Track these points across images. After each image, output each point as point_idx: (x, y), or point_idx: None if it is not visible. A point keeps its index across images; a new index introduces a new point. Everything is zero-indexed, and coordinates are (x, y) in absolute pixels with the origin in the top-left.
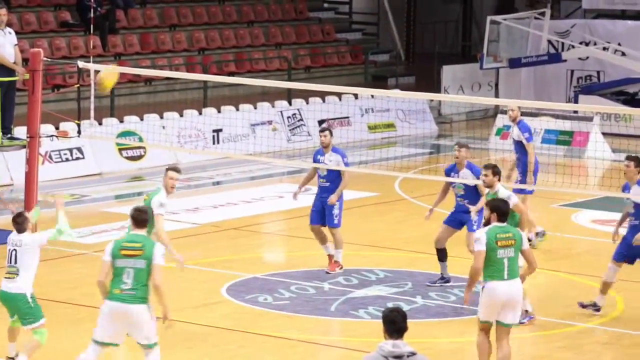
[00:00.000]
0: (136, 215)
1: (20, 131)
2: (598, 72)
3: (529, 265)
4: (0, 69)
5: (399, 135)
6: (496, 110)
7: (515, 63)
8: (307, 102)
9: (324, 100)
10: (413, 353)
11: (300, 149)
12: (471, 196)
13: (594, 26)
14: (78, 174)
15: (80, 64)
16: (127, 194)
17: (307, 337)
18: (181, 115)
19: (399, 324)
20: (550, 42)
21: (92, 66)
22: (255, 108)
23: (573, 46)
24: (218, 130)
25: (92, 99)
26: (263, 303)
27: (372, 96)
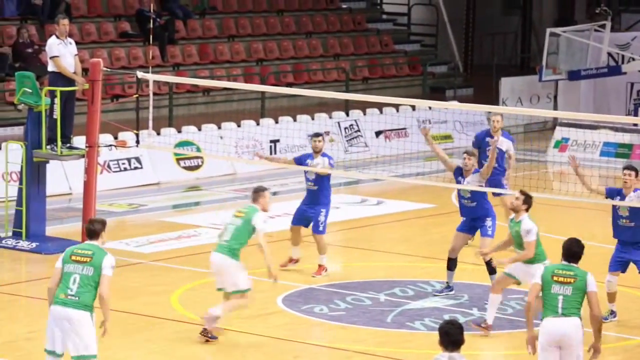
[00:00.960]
0: (89, 227)
1: (79, 141)
2: None
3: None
4: (60, 78)
5: (456, 147)
6: (555, 123)
7: (574, 75)
8: (365, 113)
9: (381, 112)
10: None
11: (357, 160)
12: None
13: None
14: (136, 184)
15: (139, 74)
16: (185, 204)
17: (363, 349)
18: (239, 126)
19: (455, 336)
20: (610, 55)
21: (151, 76)
22: (312, 119)
23: (633, 59)
24: (275, 141)
25: (151, 109)
26: (319, 314)
27: (430, 108)
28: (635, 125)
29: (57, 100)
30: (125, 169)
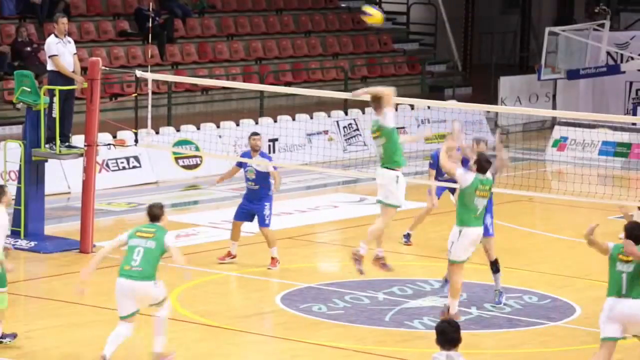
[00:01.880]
0: (150, 212)
1: (78, 139)
2: None
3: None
4: (59, 77)
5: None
6: (553, 122)
7: (573, 74)
8: (364, 112)
9: None
10: None
11: (356, 159)
12: None
13: None
14: (135, 183)
15: (138, 73)
16: (183, 203)
17: (362, 347)
18: (238, 125)
19: (450, 335)
20: (609, 54)
21: (150, 75)
22: (311, 118)
23: (632, 58)
24: (274, 140)
25: (150, 108)
26: (317, 312)
27: (429, 107)
28: (634, 124)
29: (56, 99)
30: (124, 168)
